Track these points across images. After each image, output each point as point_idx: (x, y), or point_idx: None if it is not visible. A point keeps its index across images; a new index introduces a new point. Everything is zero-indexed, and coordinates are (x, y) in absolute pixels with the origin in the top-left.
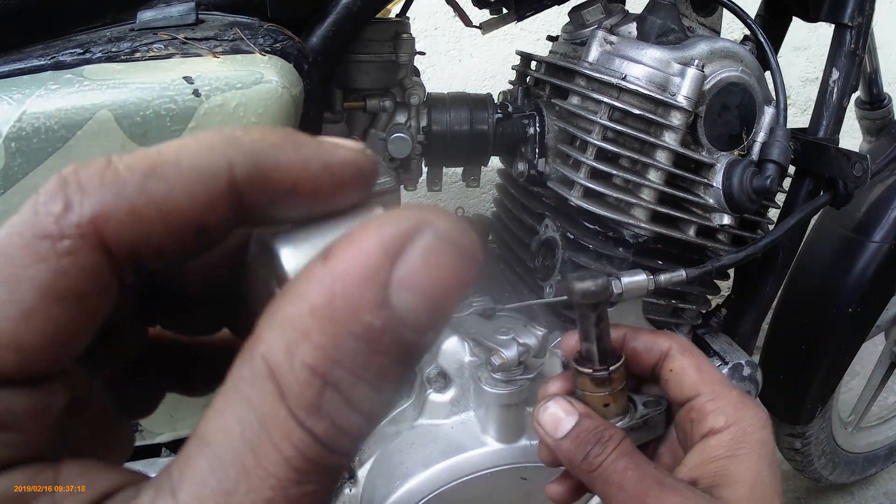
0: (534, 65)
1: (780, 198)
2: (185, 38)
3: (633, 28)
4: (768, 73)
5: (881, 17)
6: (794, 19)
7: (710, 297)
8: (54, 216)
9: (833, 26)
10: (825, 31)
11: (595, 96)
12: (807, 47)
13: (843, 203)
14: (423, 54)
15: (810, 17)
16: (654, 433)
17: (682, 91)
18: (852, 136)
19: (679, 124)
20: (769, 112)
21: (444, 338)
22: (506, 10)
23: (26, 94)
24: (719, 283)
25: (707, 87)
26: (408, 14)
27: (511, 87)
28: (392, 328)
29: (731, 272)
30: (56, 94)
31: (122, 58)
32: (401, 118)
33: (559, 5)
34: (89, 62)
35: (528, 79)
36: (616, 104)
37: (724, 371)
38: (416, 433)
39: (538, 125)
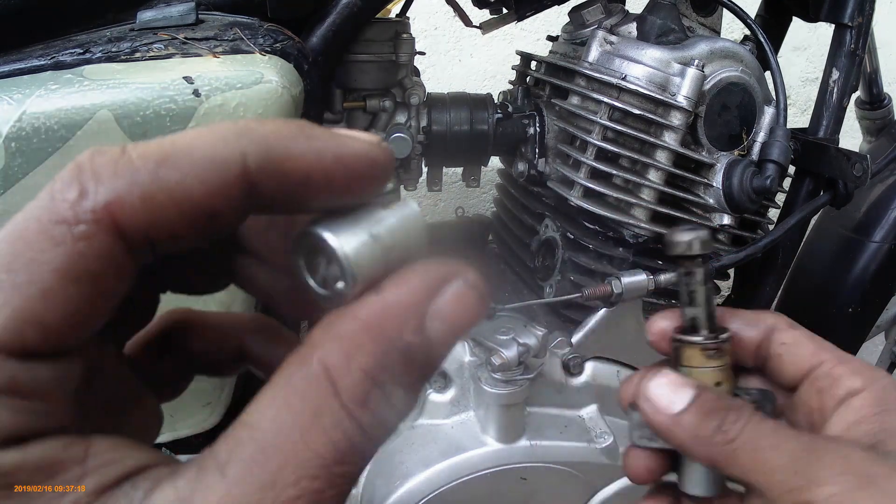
0: (534, 65)
1: (780, 198)
2: (185, 38)
3: (633, 28)
4: (768, 73)
5: (881, 17)
6: (794, 19)
7: None
8: (70, 202)
9: (833, 26)
10: (825, 31)
11: (595, 96)
12: (807, 47)
13: (843, 203)
14: (423, 54)
15: (810, 17)
16: None
17: (682, 91)
18: (852, 136)
19: (679, 124)
20: (769, 112)
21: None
22: (506, 10)
23: (26, 94)
24: (719, 283)
25: (707, 87)
26: (408, 14)
27: (511, 87)
28: (424, 347)
29: (731, 272)
30: (56, 94)
31: (122, 58)
32: (401, 118)
33: (559, 5)
34: (89, 62)
35: (528, 79)
36: (616, 104)
37: None
38: (416, 433)
39: (538, 125)
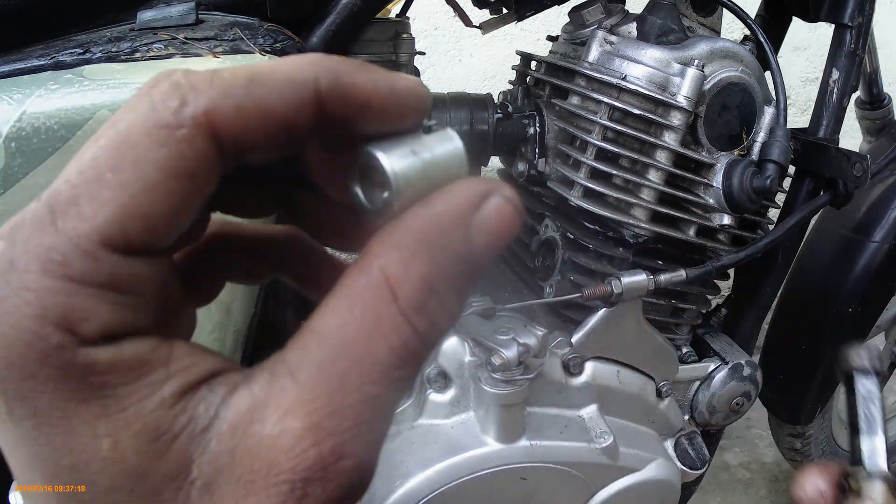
0: (534, 65)
1: (780, 198)
2: (185, 38)
3: (633, 28)
4: (768, 73)
5: (881, 17)
6: (794, 19)
7: (710, 297)
8: (172, 110)
9: (833, 26)
10: (825, 31)
11: (595, 96)
12: (807, 47)
13: (843, 203)
14: (423, 54)
15: (810, 17)
16: None
17: (682, 91)
18: (852, 136)
19: (679, 124)
20: (769, 112)
21: (443, 338)
22: (506, 10)
23: (26, 94)
24: (719, 283)
25: (707, 87)
26: (408, 14)
27: (511, 87)
28: (470, 255)
29: (731, 272)
30: (56, 94)
31: (122, 58)
32: None
33: (559, 5)
34: (89, 62)
35: (528, 79)
36: (616, 104)
37: (724, 371)
38: (416, 433)
39: (538, 125)
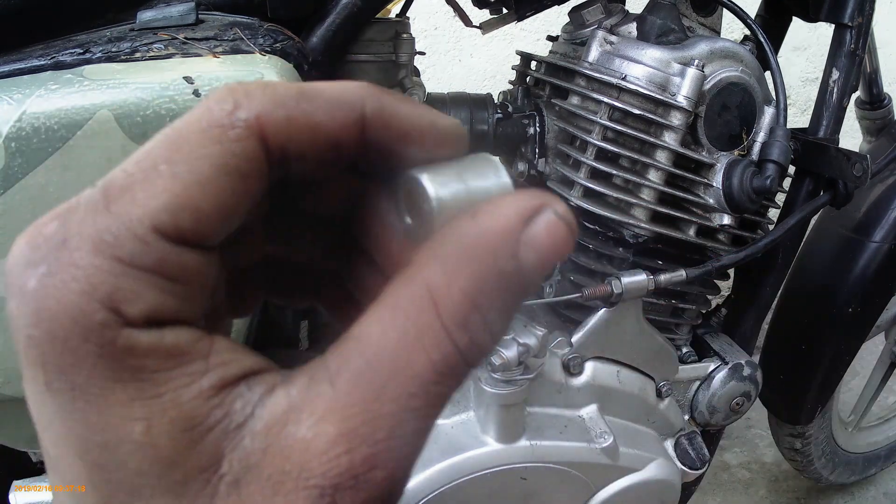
0: (534, 65)
1: (780, 198)
2: (185, 38)
3: (633, 28)
4: (768, 73)
5: (881, 17)
6: (794, 19)
7: (710, 297)
8: (227, 112)
9: (833, 26)
10: (825, 31)
11: (595, 96)
12: (807, 47)
13: (843, 203)
14: (423, 54)
15: (810, 17)
16: None
17: (682, 91)
18: (852, 136)
19: (679, 124)
20: (769, 112)
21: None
22: (506, 10)
23: (26, 94)
24: (719, 283)
25: (707, 87)
26: (408, 14)
27: (511, 87)
28: (517, 273)
29: (731, 272)
30: (56, 94)
31: (122, 58)
32: None
33: (559, 5)
34: (89, 62)
35: (528, 79)
36: (616, 104)
37: (724, 371)
38: None
39: (538, 125)
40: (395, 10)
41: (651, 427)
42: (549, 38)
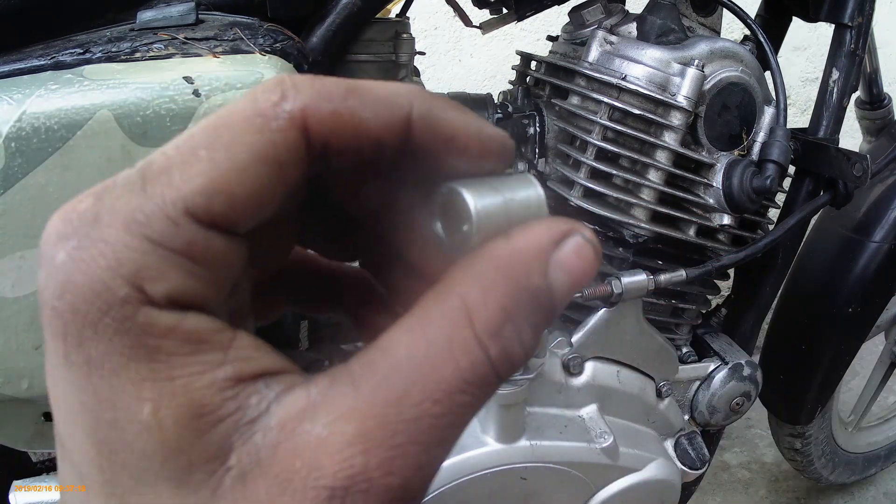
0: (534, 65)
1: (781, 198)
2: (185, 38)
3: (633, 28)
4: (768, 73)
5: (881, 17)
6: (794, 19)
7: (710, 297)
8: (272, 103)
9: (833, 26)
10: (825, 31)
11: (595, 96)
12: (807, 47)
13: (843, 203)
14: (423, 54)
15: (810, 17)
16: None
17: (682, 91)
18: (852, 136)
19: (679, 124)
20: (769, 112)
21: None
22: (506, 10)
23: (26, 94)
24: (719, 283)
25: (707, 87)
26: (408, 14)
27: (511, 87)
28: (548, 292)
29: (731, 272)
30: (56, 94)
31: (122, 58)
32: None
33: (559, 5)
34: (89, 62)
35: (528, 79)
36: (616, 104)
37: (724, 371)
38: None
39: (538, 125)
40: (395, 10)
41: (651, 427)
42: (549, 38)
